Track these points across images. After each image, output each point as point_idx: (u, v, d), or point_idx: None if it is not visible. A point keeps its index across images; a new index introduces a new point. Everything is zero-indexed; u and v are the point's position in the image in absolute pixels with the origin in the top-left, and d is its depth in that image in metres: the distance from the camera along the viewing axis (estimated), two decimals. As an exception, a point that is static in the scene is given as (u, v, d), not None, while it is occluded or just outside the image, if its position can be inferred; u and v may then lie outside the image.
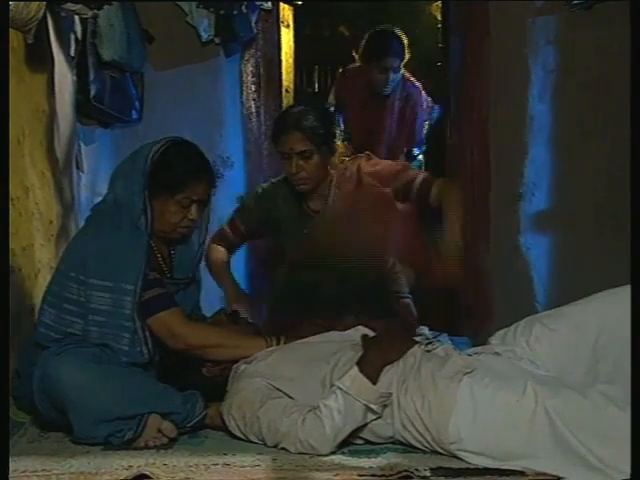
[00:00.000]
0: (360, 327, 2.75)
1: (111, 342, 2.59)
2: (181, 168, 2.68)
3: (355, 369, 2.38)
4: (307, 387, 2.47)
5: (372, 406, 2.35)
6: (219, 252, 3.43)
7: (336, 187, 3.29)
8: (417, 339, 2.54)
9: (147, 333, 2.63)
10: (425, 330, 2.60)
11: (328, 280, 3.25)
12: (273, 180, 3.50)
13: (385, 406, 2.38)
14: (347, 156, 3.64)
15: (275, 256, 3.50)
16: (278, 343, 2.72)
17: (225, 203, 4.36)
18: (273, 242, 3.54)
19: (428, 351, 2.48)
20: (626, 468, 2.00)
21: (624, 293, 2.23)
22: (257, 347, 2.70)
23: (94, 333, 2.59)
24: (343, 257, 3.21)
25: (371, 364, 2.39)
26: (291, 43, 4.91)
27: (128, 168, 2.71)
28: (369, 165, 3.36)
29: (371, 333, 2.65)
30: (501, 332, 2.60)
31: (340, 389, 2.35)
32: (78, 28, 3.69)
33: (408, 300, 3.41)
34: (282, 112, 3.34)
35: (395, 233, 3.32)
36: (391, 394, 2.36)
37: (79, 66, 3.73)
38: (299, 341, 2.74)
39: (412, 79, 5.10)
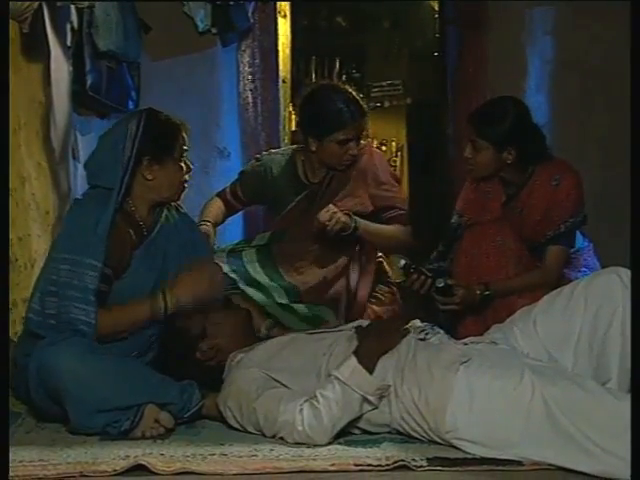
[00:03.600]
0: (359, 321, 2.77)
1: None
2: (169, 125, 2.79)
3: (353, 359, 2.37)
4: (302, 378, 2.48)
5: (369, 398, 2.36)
6: (215, 202, 3.62)
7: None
8: (409, 329, 2.55)
9: None
10: (417, 321, 2.61)
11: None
12: (272, 150, 3.70)
13: (382, 397, 2.38)
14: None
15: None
16: (166, 307, 2.66)
17: (222, 193, 4.36)
18: (270, 211, 3.70)
19: (422, 339, 2.49)
20: (624, 454, 2.00)
21: (605, 270, 2.47)
22: (141, 310, 2.66)
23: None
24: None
25: (368, 354, 2.39)
26: (288, 33, 4.90)
27: (112, 156, 2.74)
28: (375, 156, 3.52)
29: (365, 324, 2.65)
30: (498, 325, 2.63)
31: (338, 379, 2.35)
32: (74, 18, 3.68)
33: (394, 288, 3.44)
34: (343, 100, 3.32)
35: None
36: (389, 386, 2.36)
37: (75, 56, 3.71)
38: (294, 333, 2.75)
39: None
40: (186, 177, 2.84)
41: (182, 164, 2.81)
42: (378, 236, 3.37)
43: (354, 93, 3.36)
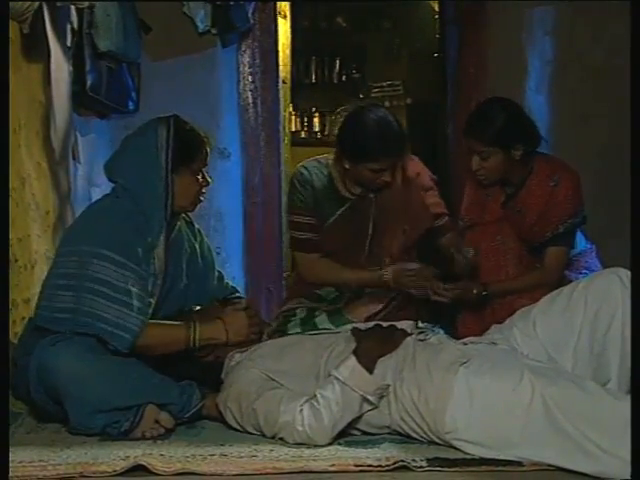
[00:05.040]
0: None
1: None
2: (194, 138, 2.78)
3: (352, 359, 2.37)
4: (301, 379, 2.48)
5: (369, 397, 2.35)
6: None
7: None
8: (408, 330, 2.55)
9: None
10: (418, 322, 2.62)
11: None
12: (304, 165, 3.40)
13: (382, 397, 2.38)
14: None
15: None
16: (195, 329, 2.66)
17: (222, 194, 4.37)
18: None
19: (421, 340, 2.49)
20: (624, 454, 2.00)
21: (605, 271, 2.47)
22: (180, 339, 2.66)
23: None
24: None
25: (368, 355, 2.40)
26: (288, 34, 4.91)
27: (138, 159, 2.73)
28: (412, 165, 3.38)
29: (362, 326, 2.65)
30: (498, 325, 2.63)
31: (337, 379, 2.35)
32: (74, 18, 3.67)
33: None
34: (385, 131, 3.14)
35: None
36: (389, 386, 2.36)
37: (75, 57, 3.71)
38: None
39: None
40: (203, 191, 2.83)
41: (199, 177, 2.80)
42: None
43: (399, 123, 3.20)
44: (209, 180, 2.83)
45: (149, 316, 2.65)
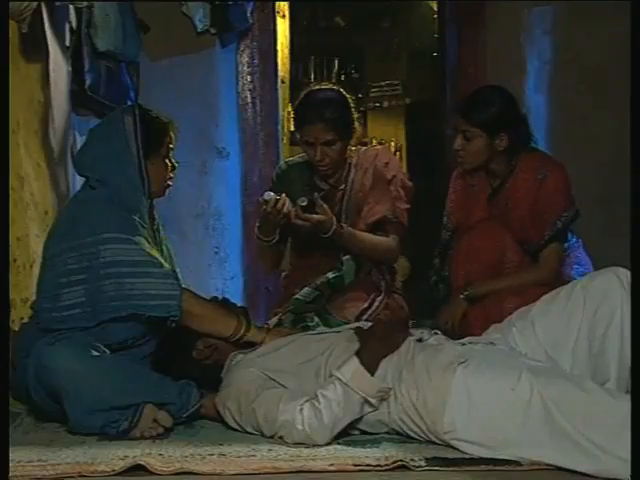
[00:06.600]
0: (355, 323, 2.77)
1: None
2: (159, 123, 2.83)
3: (355, 361, 2.37)
4: (301, 378, 2.48)
5: (370, 400, 2.35)
6: None
7: (355, 167, 3.35)
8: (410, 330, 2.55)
9: None
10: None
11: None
12: (287, 160, 3.57)
13: (383, 399, 2.38)
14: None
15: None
16: (248, 327, 2.70)
17: (221, 193, 4.38)
18: None
19: (420, 340, 2.49)
20: (623, 454, 2.00)
21: (604, 271, 2.43)
22: (231, 325, 2.71)
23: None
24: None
25: (371, 356, 2.39)
26: (287, 33, 4.91)
27: (107, 149, 2.75)
28: (381, 154, 3.41)
29: (365, 326, 2.65)
30: (496, 325, 2.63)
31: (339, 380, 2.35)
32: (73, 18, 3.68)
33: (398, 295, 3.41)
34: (303, 100, 3.29)
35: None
36: (390, 389, 2.36)
37: (74, 56, 3.72)
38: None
39: None
40: (171, 175, 2.88)
41: (167, 162, 2.85)
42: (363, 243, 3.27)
43: (342, 103, 3.25)
44: (175, 165, 2.88)
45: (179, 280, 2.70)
